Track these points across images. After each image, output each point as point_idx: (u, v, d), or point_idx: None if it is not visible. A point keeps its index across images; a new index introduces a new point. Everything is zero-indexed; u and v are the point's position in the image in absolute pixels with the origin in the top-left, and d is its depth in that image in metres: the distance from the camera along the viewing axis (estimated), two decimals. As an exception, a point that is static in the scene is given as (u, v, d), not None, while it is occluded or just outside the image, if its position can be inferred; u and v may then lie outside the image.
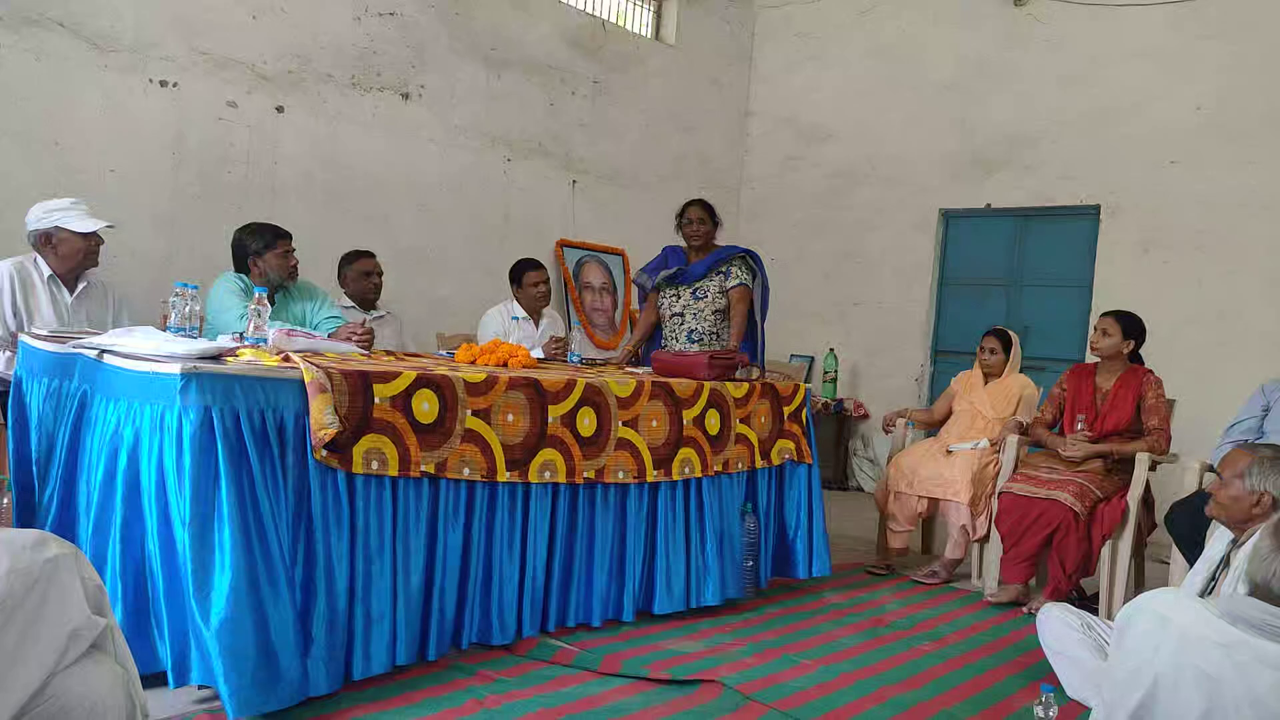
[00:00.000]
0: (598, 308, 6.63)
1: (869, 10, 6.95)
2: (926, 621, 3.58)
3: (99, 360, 2.44)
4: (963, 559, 4.28)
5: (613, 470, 3.10)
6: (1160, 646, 2.00)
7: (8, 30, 4.11)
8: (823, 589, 3.90)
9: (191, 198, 4.70)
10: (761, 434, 3.69)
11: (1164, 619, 2.03)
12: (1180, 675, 1.96)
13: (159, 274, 4.52)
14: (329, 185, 5.22)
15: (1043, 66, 6.11)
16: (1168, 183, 5.62)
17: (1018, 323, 6.14)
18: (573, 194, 6.48)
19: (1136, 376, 4.02)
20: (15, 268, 3.32)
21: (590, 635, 3.05)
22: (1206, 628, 1.95)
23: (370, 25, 5.31)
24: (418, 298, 5.59)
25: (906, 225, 6.75)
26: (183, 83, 4.63)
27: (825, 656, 3.05)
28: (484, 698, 2.49)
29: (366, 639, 2.46)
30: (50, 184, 4.18)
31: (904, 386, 6.72)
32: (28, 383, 2.83)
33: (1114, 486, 3.87)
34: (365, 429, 2.44)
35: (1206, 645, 1.93)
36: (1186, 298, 5.51)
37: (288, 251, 3.65)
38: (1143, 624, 2.07)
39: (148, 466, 2.25)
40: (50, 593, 1.30)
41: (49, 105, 4.25)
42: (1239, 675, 1.88)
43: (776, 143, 7.46)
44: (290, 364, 2.43)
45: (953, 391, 4.66)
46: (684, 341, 4.23)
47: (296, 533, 2.34)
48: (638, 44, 6.81)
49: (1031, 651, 3.16)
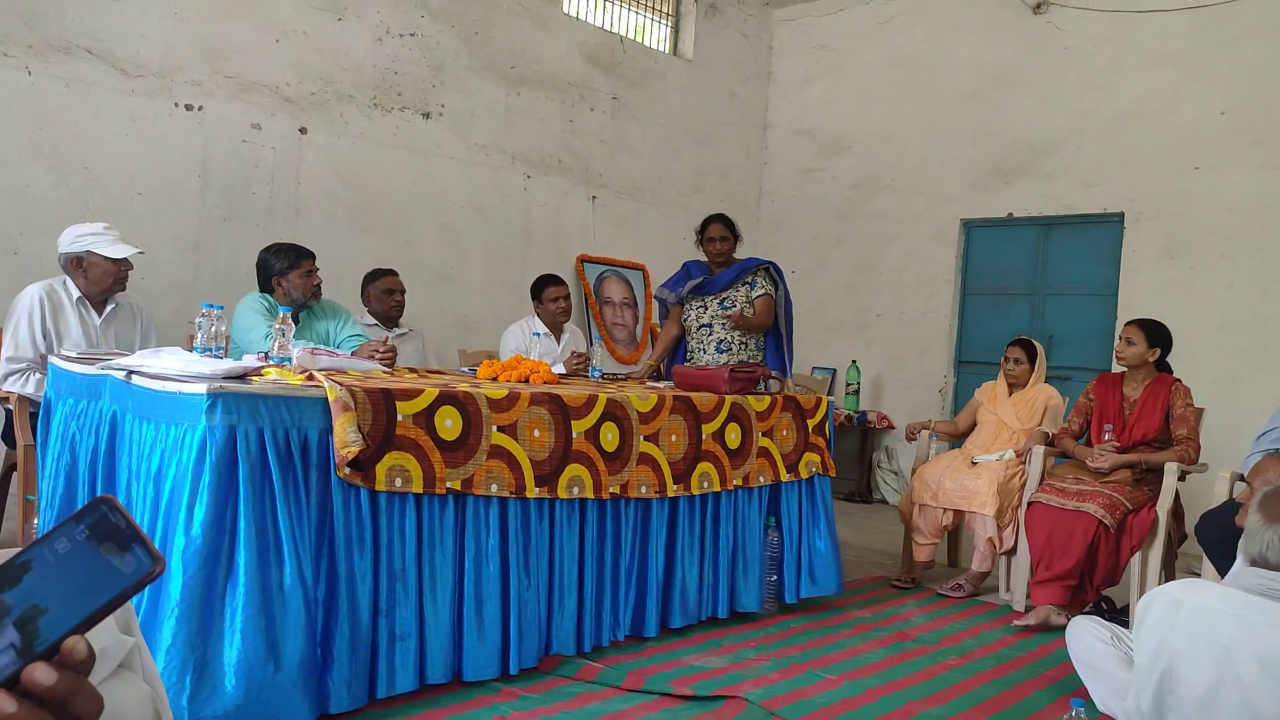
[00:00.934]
0: (619, 323, 6.64)
1: (887, 21, 6.95)
2: (953, 635, 3.54)
3: (127, 381, 2.47)
4: (989, 572, 4.23)
5: (635, 485, 3.10)
6: (1175, 625, 2.19)
7: (38, 58, 4.19)
8: (847, 603, 3.88)
9: (217, 219, 4.77)
10: (785, 447, 3.67)
11: (1178, 601, 2.22)
12: (1194, 647, 2.14)
13: (185, 295, 4.59)
14: (351, 205, 5.28)
15: (1063, 73, 6.08)
16: (1192, 188, 5.57)
17: (1041, 332, 6.10)
18: (592, 209, 6.51)
19: (1164, 385, 3.97)
20: (45, 291, 3.37)
21: (614, 651, 3.05)
22: (1216, 601, 2.14)
23: (391, 46, 5.37)
24: (440, 315, 5.64)
25: (927, 235, 6.73)
26: (208, 106, 4.71)
27: (850, 671, 3.03)
28: (508, 714, 2.49)
29: (391, 657, 2.47)
30: (80, 207, 4.26)
31: (927, 398, 6.68)
32: (58, 404, 2.87)
33: (1143, 497, 3.82)
34: (389, 446, 2.46)
35: (1216, 615, 2.12)
36: (1213, 304, 5.45)
37: (310, 271, 3.68)
38: (1159, 607, 2.25)
39: (175, 486, 2.27)
40: (79, 612, 1.31)
41: (78, 130, 4.33)
42: (1247, 638, 2.05)
43: (795, 155, 7.46)
44: (314, 383, 2.45)
45: (977, 402, 4.62)
46: (712, 352, 4.23)
47: (320, 551, 2.36)
48: (655, 59, 6.85)
49: (1060, 665, 3.12)
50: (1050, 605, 3.69)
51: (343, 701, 2.33)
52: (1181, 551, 4.08)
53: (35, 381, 3.27)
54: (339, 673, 2.33)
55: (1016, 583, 4.08)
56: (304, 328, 3.68)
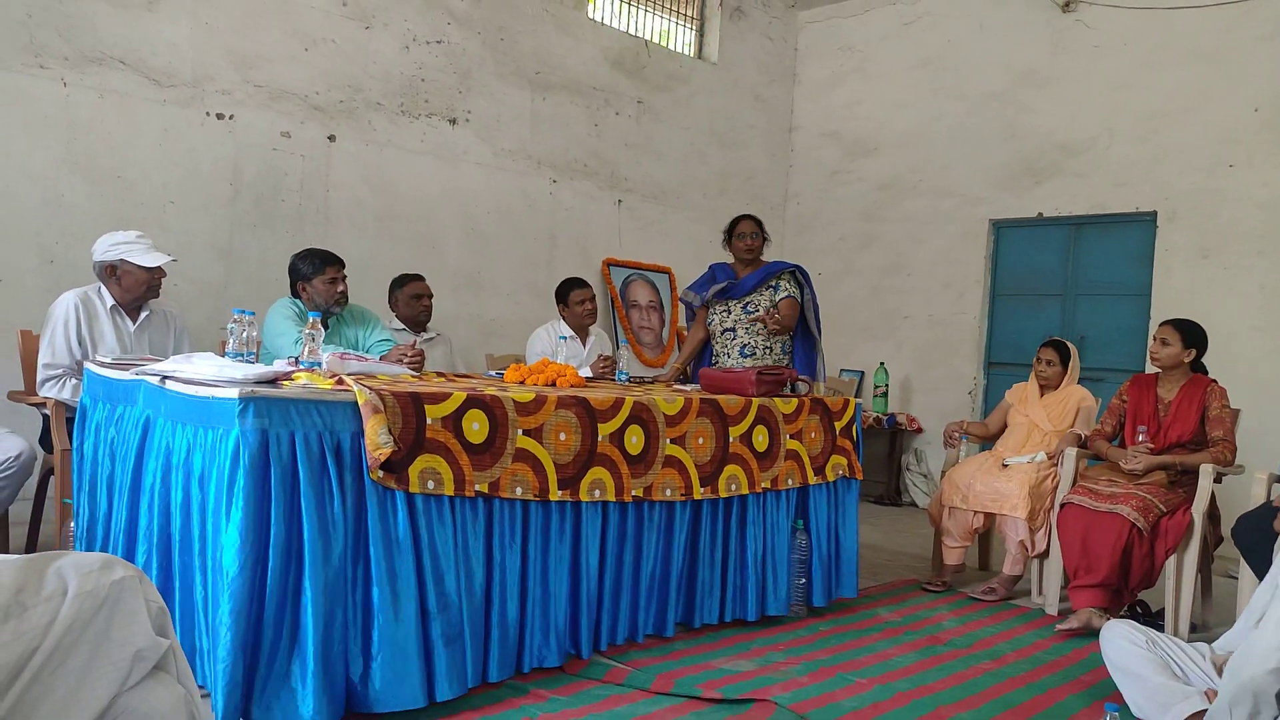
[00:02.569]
0: (645, 326, 6.65)
1: (913, 22, 6.91)
2: (985, 639, 3.50)
3: (161, 386, 2.50)
4: (1021, 575, 4.19)
5: (660, 488, 3.09)
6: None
7: (73, 69, 4.27)
8: (876, 606, 3.85)
9: (248, 226, 4.83)
10: (813, 450, 3.66)
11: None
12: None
13: (217, 301, 4.65)
14: (380, 211, 5.32)
15: (1092, 72, 6.02)
16: (1226, 186, 5.48)
17: (1073, 333, 6.03)
18: (618, 213, 6.52)
19: (1200, 387, 3.91)
20: (80, 298, 3.43)
21: (640, 654, 3.04)
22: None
23: (418, 53, 5.41)
24: (468, 319, 5.67)
25: (956, 236, 6.67)
26: (238, 115, 4.77)
27: (880, 675, 3.01)
28: (537, 716, 2.49)
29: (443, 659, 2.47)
30: (114, 216, 4.33)
31: (956, 400, 6.62)
32: (93, 409, 2.92)
33: (1178, 500, 3.76)
34: (419, 449, 2.47)
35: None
36: (1249, 304, 5.36)
37: (334, 279, 3.68)
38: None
39: (208, 489, 2.30)
40: (116, 615, 1.33)
41: (112, 140, 4.40)
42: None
43: (821, 157, 7.43)
44: (344, 387, 2.47)
45: (1007, 404, 4.57)
46: (736, 356, 4.22)
47: (357, 553, 2.38)
48: (681, 63, 6.85)
49: (1095, 670, 3.08)
50: (1092, 608, 3.64)
51: (389, 703, 2.35)
52: (1218, 555, 4.02)
53: (71, 387, 3.33)
54: (377, 671, 2.34)
55: (1049, 586, 4.03)
56: (333, 333, 3.71)
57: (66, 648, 1.27)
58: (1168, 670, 2.67)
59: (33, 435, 3.56)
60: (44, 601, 1.27)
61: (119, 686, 1.33)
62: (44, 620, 1.26)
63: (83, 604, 1.29)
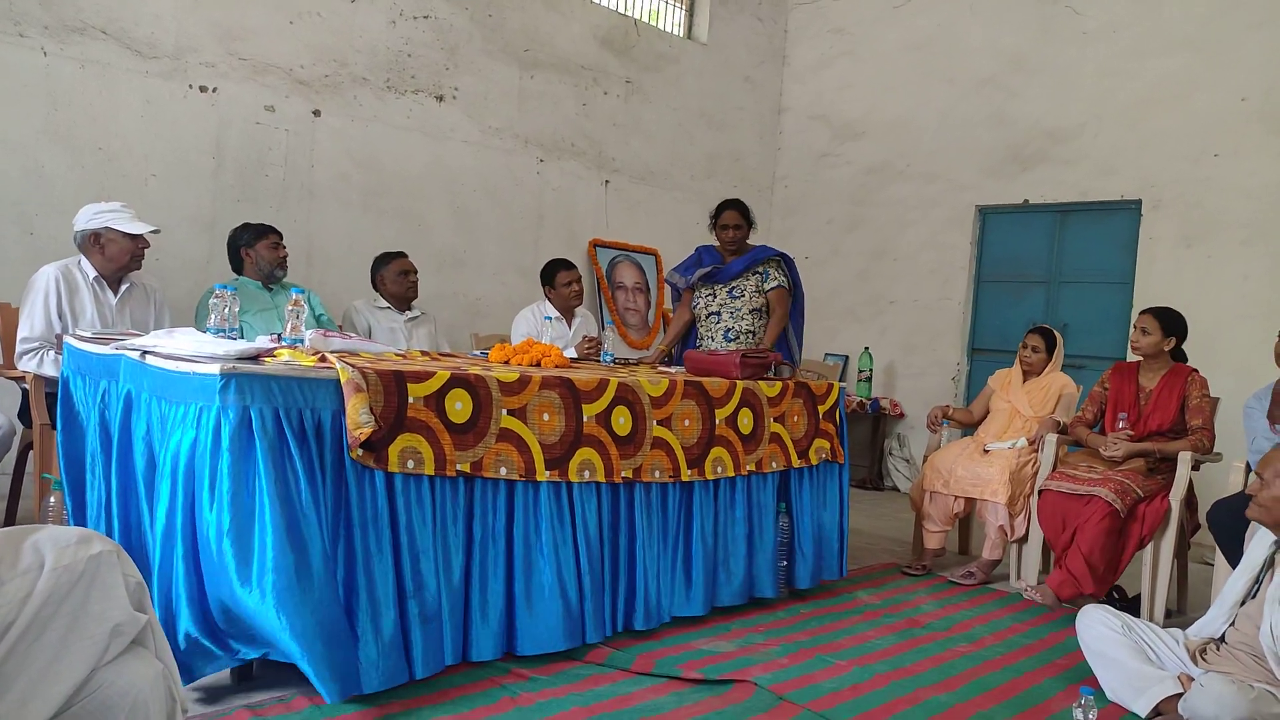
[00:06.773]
0: (631, 307, 6.64)
1: (903, 4, 6.89)
2: (963, 623, 3.54)
3: (142, 361, 2.48)
4: (1000, 559, 4.22)
5: (649, 469, 3.09)
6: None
7: (53, 39, 4.20)
8: (857, 589, 3.88)
9: (231, 201, 4.78)
10: (796, 433, 3.67)
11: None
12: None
13: (200, 276, 4.61)
14: (365, 187, 5.28)
15: (1081, 59, 6.02)
16: (1212, 175, 5.51)
17: (1056, 320, 6.06)
18: (605, 194, 6.49)
19: (1180, 376, 3.95)
20: (61, 271, 3.39)
21: (623, 634, 3.06)
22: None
23: (405, 28, 5.36)
24: (452, 298, 5.64)
25: (942, 222, 6.68)
26: (222, 88, 4.71)
27: (859, 657, 3.03)
28: (517, 695, 2.50)
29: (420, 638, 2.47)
30: (95, 189, 4.28)
31: (940, 385, 6.65)
32: (74, 383, 2.89)
33: (1156, 486, 3.80)
34: (400, 429, 2.46)
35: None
36: (1231, 293, 5.40)
37: (276, 244, 3.98)
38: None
39: (189, 464, 2.28)
40: (93, 590, 1.32)
41: (93, 111, 4.34)
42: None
43: (810, 140, 7.42)
44: (326, 364, 2.46)
45: (990, 390, 4.60)
46: (720, 340, 4.22)
47: (337, 531, 2.37)
48: (670, 43, 6.81)
49: (1071, 654, 3.12)
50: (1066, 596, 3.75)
51: (373, 682, 2.34)
52: (1194, 542, 4.06)
53: (51, 361, 3.30)
54: (365, 653, 2.34)
55: (1027, 570, 4.07)
56: (270, 306, 3.88)
57: (43, 621, 1.26)
58: (1142, 655, 2.71)
59: (11, 410, 3.53)
60: (20, 575, 1.26)
61: (96, 661, 1.33)
62: (20, 594, 1.25)
63: (59, 578, 1.28)
